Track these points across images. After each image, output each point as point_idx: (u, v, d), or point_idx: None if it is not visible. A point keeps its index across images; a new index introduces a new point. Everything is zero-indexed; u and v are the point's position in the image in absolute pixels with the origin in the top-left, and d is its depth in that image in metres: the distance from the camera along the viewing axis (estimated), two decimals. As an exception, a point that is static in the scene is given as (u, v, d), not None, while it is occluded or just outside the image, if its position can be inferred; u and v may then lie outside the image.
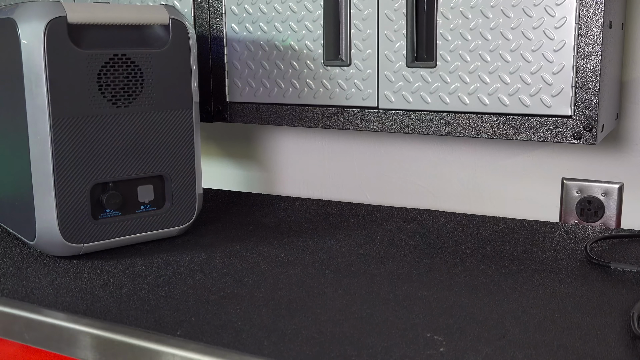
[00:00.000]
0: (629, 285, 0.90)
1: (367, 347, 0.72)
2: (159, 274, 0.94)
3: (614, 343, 0.73)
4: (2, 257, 1.03)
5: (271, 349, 0.72)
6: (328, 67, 1.15)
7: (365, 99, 1.13)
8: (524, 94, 1.01)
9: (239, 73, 1.24)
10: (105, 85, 1.00)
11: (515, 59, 1.00)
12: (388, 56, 1.10)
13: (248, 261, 1.00)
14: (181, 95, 1.09)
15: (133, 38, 1.04)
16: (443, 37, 1.05)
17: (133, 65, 1.03)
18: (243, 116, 1.25)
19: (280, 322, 0.79)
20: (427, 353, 0.71)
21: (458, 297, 0.86)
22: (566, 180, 1.25)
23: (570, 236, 1.12)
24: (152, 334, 0.77)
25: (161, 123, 1.07)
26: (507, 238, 1.12)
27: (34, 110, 0.96)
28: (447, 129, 1.07)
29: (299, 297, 0.86)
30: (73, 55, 0.97)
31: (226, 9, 1.23)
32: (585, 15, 0.95)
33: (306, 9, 1.15)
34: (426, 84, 1.07)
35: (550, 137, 1.00)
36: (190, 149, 1.11)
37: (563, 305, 0.83)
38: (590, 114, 0.97)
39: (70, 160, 0.98)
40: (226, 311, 0.82)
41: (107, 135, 1.01)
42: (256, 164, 1.55)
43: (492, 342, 0.74)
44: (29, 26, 0.94)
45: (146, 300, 0.86)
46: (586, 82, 0.97)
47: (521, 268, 0.97)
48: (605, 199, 1.22)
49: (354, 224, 1.21)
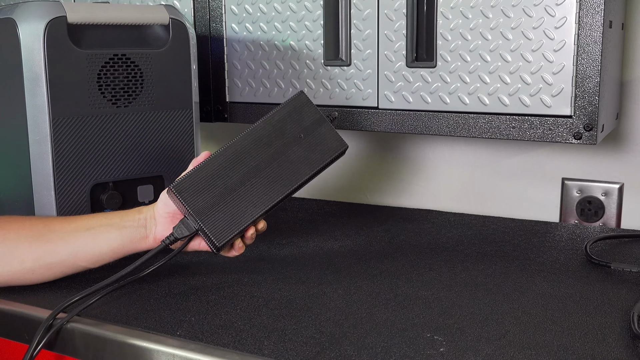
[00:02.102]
0: (629, 285, 0.90)
1: (367, 347, 0.72)
2: (159, 274, 0.94)
3: (614, 343, 0.73)
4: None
5: (271, 349, 0.72)
6: (328, 67, 1.15)
7: (365, 99, 1.13)
8: (524, 94, 1.01)
9: (239, 73, 1.24)
10: (105, 85, 1.00)
11: (515, 59, 1.00)
12: (388, 56, 1.09)
13: (248, 261, 1.00)
14: (181, 95, 1.09)
15: (133, 38, 1.04)
16: (443, 37, 1.05)
17: (133, 65, 1.03)
18: (243, 116, 1.25)
19: (280, 322, 0.79)
20: (427, 353, 0.71)
21: (458, 297, 0.86)
22: (566, 180, 1.25)
23: (570, 236, 1.12)
24: (152, 334, 0.77)
25: (161, 123, 1.07)
26: (507, 238, 1.12)
27: (34, 110, 0.96)
28: (447, 129, 1.07)
29: (299, 297, 0.86)
30: (73, 55, 0.97)
31: (226, 9, 1.23)
32: (585, 15, 0.95)
33: (306, 9, 1.15)
34: (426, 84, 1.07)
35: (550, 137, 1.00)
36: (190, 149, 1.11)
37: (563, 305, 0.83)
38: (590, 114, 0.97)
39: (70, 160, 0.98)
40: (226, 311, 0.82)
41: (107, 135, 1.01)
42: (256, 164, 1.54)
43: (492, 342, 0.74)
44: (29, 26, 0.94)
45: (146, 300, 0.86)
46: (586, 82, 0.97)
47: (521, 268, 0.97)
48: (605, 199, 1.22)
49: (354, 224, 1.21)
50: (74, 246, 0.86)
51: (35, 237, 0.86)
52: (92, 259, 0.88)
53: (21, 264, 0.85)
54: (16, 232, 0.86)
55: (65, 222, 0.88)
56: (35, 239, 0.86)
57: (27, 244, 0.85)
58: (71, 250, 0.86)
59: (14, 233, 0.86)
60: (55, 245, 0.86)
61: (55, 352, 0.82)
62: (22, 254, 0.85)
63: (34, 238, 0.86)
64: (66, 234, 0.87)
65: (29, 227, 0.87)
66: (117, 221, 0.88)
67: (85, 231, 0.87)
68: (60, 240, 0.86)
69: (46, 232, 0.86)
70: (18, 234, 0.86)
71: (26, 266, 0.85)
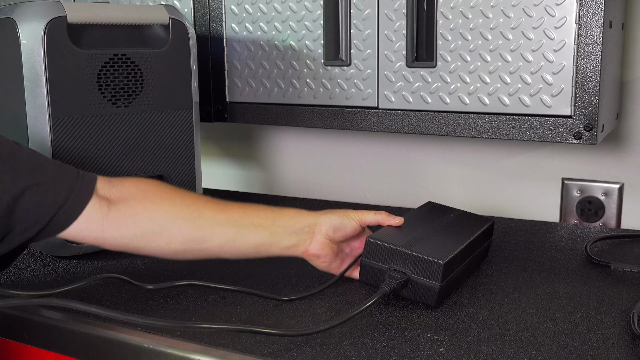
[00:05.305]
0: (629, 285, 0.90)
1: (367, 347, 0.72)
2: (159, 274, 0.94)
3: (614, 343, 0.73)
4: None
5: (271, 349, 0.72)
6: (328, 67, 1.15)
7: (365, 99, 1.13)
8: (524, 94, 1.01)
9: (239, 73, 1.24)
10: (105, 85, 1.00)
11: (515, 59, 1.00)
12: (388, 56, 1.09)
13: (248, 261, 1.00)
14: (181, 95, 1.09)
15: (133, 38, 1.04)
16: (443, 37, 1.05)
17: (133, 65, 1.03)
18: (243, 116, 1.25)
19: (281, 322, 0.79)
20: (427, 353, 0.71)
21: (458, 297, 0.86)
22: (566, 180, 1.25)
23: (570, 236, 1.12)
24: (152, 334, 0.77)
25: (161, 123, 1.07)
26: (507, 238, 1.12)
27: (34, 110, 0.96)
28: (447, 129, 1.07)
29: (299, 297, 0.86)
30: (73, 55, 0.97)
31: (226, 9, 1.23)
32: (585, 15, 0.95)
33: (306, 8, 1.15)
34: (426, 84, 1.07)
35: (550, 137, 1.00)
36: (190, 148, 1.11)
37: (563, 305, 0.83)
38: (590, 114, 0.97)
39: (70, 160, 0.98)
40: (226, 311, 0.82)
41: (107, 135, 1.01)
42: (256, 164, 1.55)
43: (492, 342, 0.74)
44: (29, 26, 0.94)
45: (146, 300, 0.86)
46: (586, 82, 0.97)
47: (521, 268, 0.97)
48: (606, 199, 1.22)
49: (354, 224, 1.21)
50: (223, 239, 0.85)
51: (186, 219, 0.84)
52: (236, 254, 0.87)
53: (168, 244, 0.84)
54: (167, 211, 0.84)
55: (216, 210, 0.86)
56: (185, 222, 0.84)
57: (177, 226, 0.83)
58: (219, 242, 0.85)
59: (164, 211, 0.84)
60: (204, 234, 0.84)
61: (55, 352, 0.82)
62: (171, 235, 0.83)
63: (185, 221, 0.84)
64: (217, 225, 0.85)
65: (180, 207, 0.85)
66: (268, 224, 0.86)
67: (237, 227, 0.86)
68: (210, 229, 0.85)
69: (197, 216, 0.84)
70: (169, 213, 0.84)
71: (172, 247, 0.84)
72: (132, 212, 0.81)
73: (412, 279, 0.82)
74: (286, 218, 0.88)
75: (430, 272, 0.81)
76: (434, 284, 0.81)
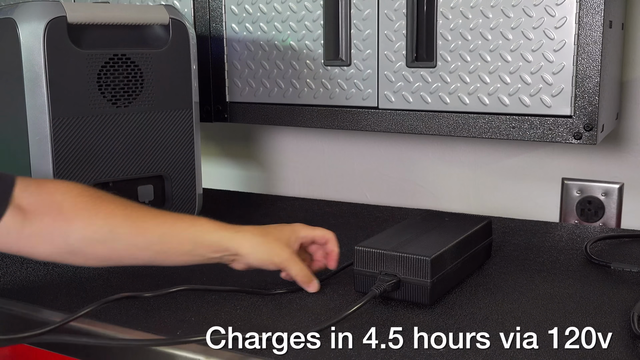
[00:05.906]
0: (629, 285, 0.90)
1: (367, 347, 0.72)
2: (159, 274, 0.94)
3: (614, 343, 0.73)
4: (2, 257, 1.03)
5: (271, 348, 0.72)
6: (328, 67, 1.15)
7: (365, 99, 1.13)
8: (524, 94, 1.01)
9: (239, 73, 1.24)
10: (105, 85, 1.00)
11: (515, 59, 1.00)
12: (388, 56, 1.09)
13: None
14: (181, 95, 1.09)
15: (133, 38, 1.04)
16: (443, 37, 1.05)
17: (133, 65, 1.03)
18: (243, 116, 1.25)
19: (280, 322, 0.79)
20: (427, 353, 0.71)
21: (458, 297, 0.86)
22: (566, 180, 1.25)
23: (570, 236, 1.12)
24: (152, 334, 0.77)
25: (161, 123, 1.07)
26: (507, 238, 1.12)
27: (34, 110, 0.96)
28: (447, 129, 1.07)
29: (299, 297, 0.86)
30: (73, 55, 0.97)
31: (226, 9, 1.23)
32: (585, 15, 0.95)
33: (306, 9, 1.15)
34: (426, 84, 1.07)
35: (550, 137, 1.00)
36: (190, 148, 1.11)
37: (563, 306, 0.83)
38: (590, 114, 0.97)
39: (70, 160, 0.98)
40: (226, 311, 0.82)
41: (107, 135, 1.01)
42: (256, 164, 1.55)
43: (492, 341, 0.73)
44: (28, 26, 0.94)
45: (146, 300, 0.86)
46: (586, 82, 0.97)
47: (521, 268, 0.97)
48: (606, 199, 1.22)
49: (354, 224, 1.21)
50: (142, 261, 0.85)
51: (100, 242, 0.81)
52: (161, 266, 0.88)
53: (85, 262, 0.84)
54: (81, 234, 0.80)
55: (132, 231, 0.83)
56: (100, 245, 0.82)
57: (92, 248, 0.81)
58: (139, 263, 0.85)
59: (78, 234, 0.80)
60: (121, 256, 0.83)
61: (55, 352, 0.82)
62: (87, 256, 0.82)
63: (99, 243, 0.82)
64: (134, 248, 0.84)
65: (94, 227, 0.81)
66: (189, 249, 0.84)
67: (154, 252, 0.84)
68: (126, 252, 0.83)
69: (111, 238, 0.82)
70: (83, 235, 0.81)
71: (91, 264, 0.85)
72: (46, 231, 0.78)
73: (403, 280, 0.83)
74: (206, 245, 0.84)
75: (419, 271, 0.82)
76: (424, 281, 0.82)
